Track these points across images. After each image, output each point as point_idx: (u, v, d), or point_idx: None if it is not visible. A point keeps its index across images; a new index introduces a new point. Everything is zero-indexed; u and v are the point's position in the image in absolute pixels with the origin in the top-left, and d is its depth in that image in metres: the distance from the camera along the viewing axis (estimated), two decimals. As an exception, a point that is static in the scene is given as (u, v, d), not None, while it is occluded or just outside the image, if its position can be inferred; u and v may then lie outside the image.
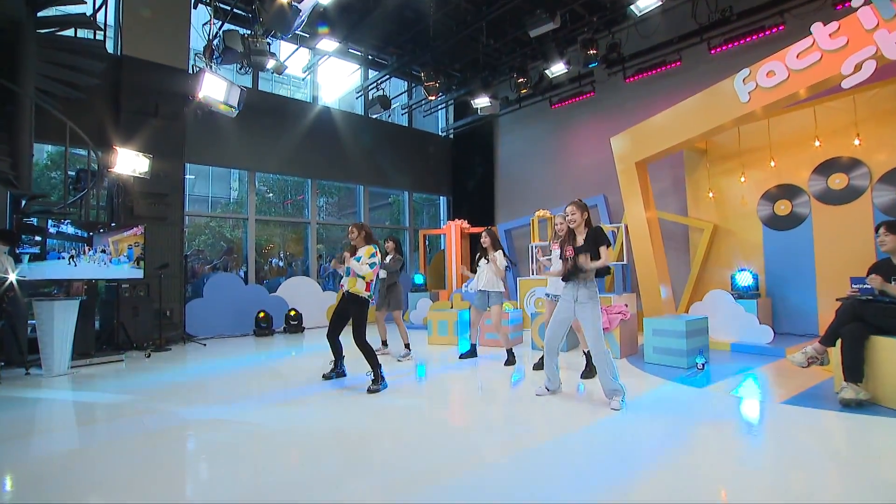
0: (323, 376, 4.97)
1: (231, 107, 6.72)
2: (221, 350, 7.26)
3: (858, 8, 5.11)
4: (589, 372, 4.84)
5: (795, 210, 6.76)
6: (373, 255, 4.69)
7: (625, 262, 7.97)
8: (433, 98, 9.32)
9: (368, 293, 4.72)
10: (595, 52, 7.95)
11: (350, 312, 4.67)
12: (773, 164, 6.60)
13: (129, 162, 6.91)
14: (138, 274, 6.58)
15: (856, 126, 6.12)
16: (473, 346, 6.14)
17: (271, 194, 10.90)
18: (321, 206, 11.08)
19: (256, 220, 10.09)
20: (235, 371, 5.62)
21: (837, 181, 6.43)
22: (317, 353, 7.14)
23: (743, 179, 7.02)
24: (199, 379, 5.29)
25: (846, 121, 6.31)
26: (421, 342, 7.78)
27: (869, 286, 3.96)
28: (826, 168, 6.48)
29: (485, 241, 5.80)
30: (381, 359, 5.12)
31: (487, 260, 5.78)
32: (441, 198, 13.24)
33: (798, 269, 6.69)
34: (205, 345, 7.78)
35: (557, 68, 8.49)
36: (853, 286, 4.13)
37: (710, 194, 7.42)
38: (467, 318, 8.02)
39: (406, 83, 11.88)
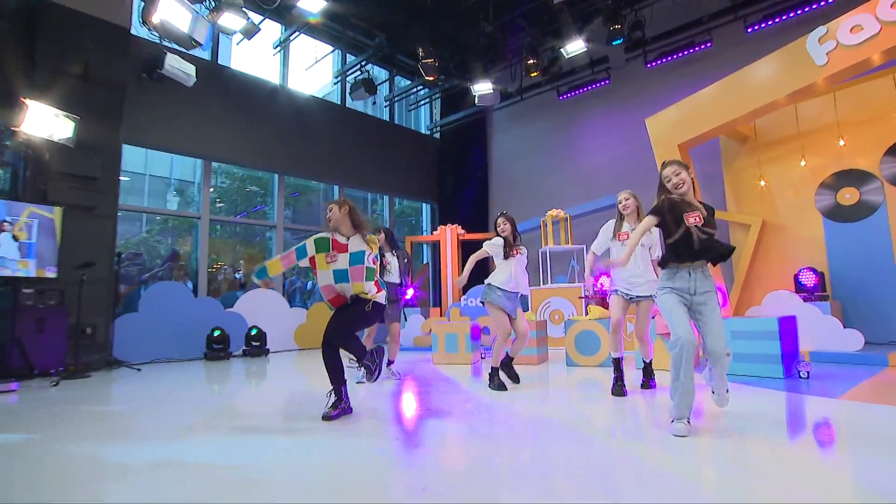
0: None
1: (197, 43, 5.40)
2: (161, 377, 5.64)
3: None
4: (647, 383, 4.11)
5: (864, 198, 6.10)
6: (376, 256, 3.53)
7: (660, 264, 7.05)
8: (431, 79, 8.29)
9: (383, 294, 3.53)
10: (620, 26, 7.21)
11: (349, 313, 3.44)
12: (842, 142, 5.94)
13: (45, 122, 5.37)
14: (49, 273, 4.97)
15: None
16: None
17: (222, 204, 9.35)
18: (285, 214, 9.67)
19: (212, 219, 8.54)
20: (174, 404, 4.09)
21: (912, 166, 5.83)
22: (284, 378, 5.68)
23: (804, 163, 6.32)
24: (124, 412, 3.79)
25: None
26: (423, 363, 6.44)
27: None
28: (899, 150, 5.88)
29: (504, 228, 4.59)
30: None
31: (506, 253, 4.50)
32: (423, 205, 12.09)
33: (871, 266, 5.97)
34: (139, 370, 6.11)
35: (575, 46, 7.70)
36: None
37: (762, 182, 6.69)
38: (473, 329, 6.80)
39: (388, 72, 10.83)
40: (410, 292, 5.80)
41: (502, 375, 4.51)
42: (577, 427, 2.96)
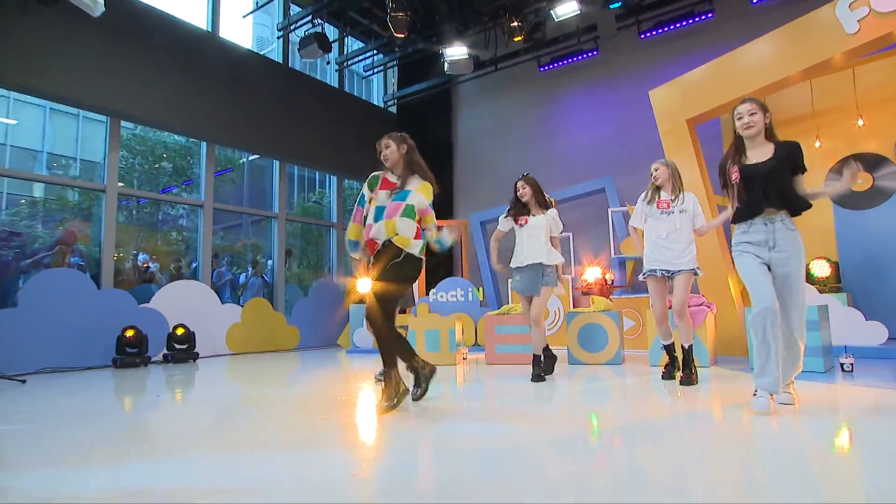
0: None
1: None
2: (52, 391, 4.43)
3: None
4: (690, 377, 3.83)
5: (878, 184, 6.02)
6: (432, 205, 3.33)
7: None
8: (402, 36, 7.45)
9: (420, 244, 3.19)
10: (619, -14, 6.79)
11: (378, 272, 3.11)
12: (861, 122, 5.82)
13: None
14: None
15: None
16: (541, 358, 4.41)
17: (122, 184, 7.81)
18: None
19: (122, 192, 7.20)
20: (68, 426, 3.04)
21: (932, 147, 5.80)
22: (218, 387, 4.68)
23: (818, 144, 6.17)
24: None
25: None
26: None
27: None
28: (915, 133, 5.84)
29: (524, 192, 4.42)
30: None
31: (527, 219, 4.38)
32: (375, 189, 11.17)
33: (885, 256, 5.89)
34: (23, 381, 4.84)
35: (567, 9, 7.18)
36: None
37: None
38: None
39: (338, 31, 9.81)
40: None
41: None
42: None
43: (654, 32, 7.64)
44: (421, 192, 3.25)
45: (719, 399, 3.40)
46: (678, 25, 7.46)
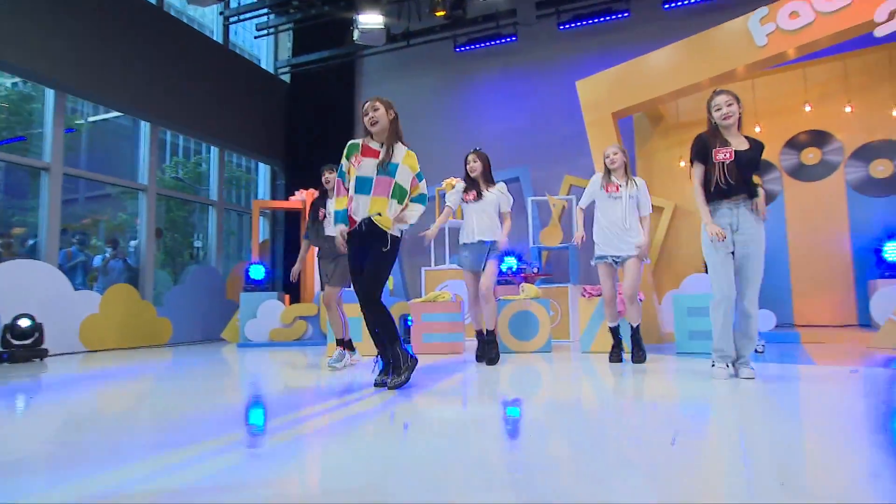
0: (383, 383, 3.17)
1: None
2: None
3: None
4: (640, 355, 4.22)
5: (765, 187, 6.97)
6: (421, 176, 3.40)
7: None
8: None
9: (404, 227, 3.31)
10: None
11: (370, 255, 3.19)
12: (758, 129, 6.70)
13: None
14: None
15: (846, 93, 6.61)
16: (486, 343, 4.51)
17: None
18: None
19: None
20: None
21: (810, 156, 6.85)
22: (74, 394, 4.01)
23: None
24: None
25: (836, 87, 6.79)
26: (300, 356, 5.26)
27: None
28: (798, 142, 6.85)
29: (474, 167, 4.49)
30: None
31: (479, 195, 4.46)
32: (261, 167, 10.41)
33: (769, 254, 6.83)
34: None
35: (493, -14, 7.30)
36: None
37: (682, 163, 7.18)
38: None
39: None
40: None
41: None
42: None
43: (572, 25, 8.07)
44: (407, 164, 3.25)
45: (681, 378, 3.65)
46: (596, 21, 7.97)
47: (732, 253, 3.22)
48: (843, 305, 6.71)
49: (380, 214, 3.10)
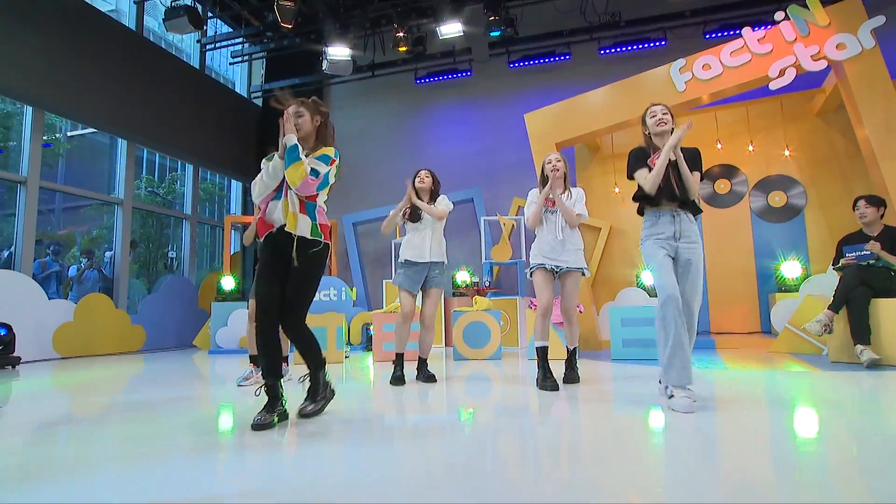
0: (253, 423, 2.45)
1: None
2: None
3: (780, 22, 6.12)
4: (573, 375, 3.73)
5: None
6: (326, 159, 2.68)
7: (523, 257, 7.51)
8: (288, 27, 7.19)
9: (325, 240, 2.71)
10: (498, 18, 7.52)
11: (292, 273, 2.62)
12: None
13: None
14: None
15: (749, 133, 7.29)
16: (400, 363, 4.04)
17: None
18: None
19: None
20: None
21: (722, 186, 7.49)
22: (38, 401, 4.09)
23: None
24: None
25: (741, 128, 7.46)
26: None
27: (865, 253, 4.42)
28: (712, 173, 7.49)
29: (423, 181, 4.08)
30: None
31: (418, 217, 4.02)
32: (234, 183, 10.44)
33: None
34: None
35: (451, 29, 7.68)
36: (848, 254, 4.54)
37: (617, 189, 7.71)
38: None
39: (202, 7, 9.00)
40: None
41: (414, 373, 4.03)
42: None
43: (521, 63, 8.55)
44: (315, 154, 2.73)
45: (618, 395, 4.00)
46: (541, 61, 8.48)
47: (673, 259, 2.94)
48: (750, 315, 7.34)
49: (296, 228, 2.63)
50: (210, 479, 1.78)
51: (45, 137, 7.15)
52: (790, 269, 6.73)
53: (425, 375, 3.98)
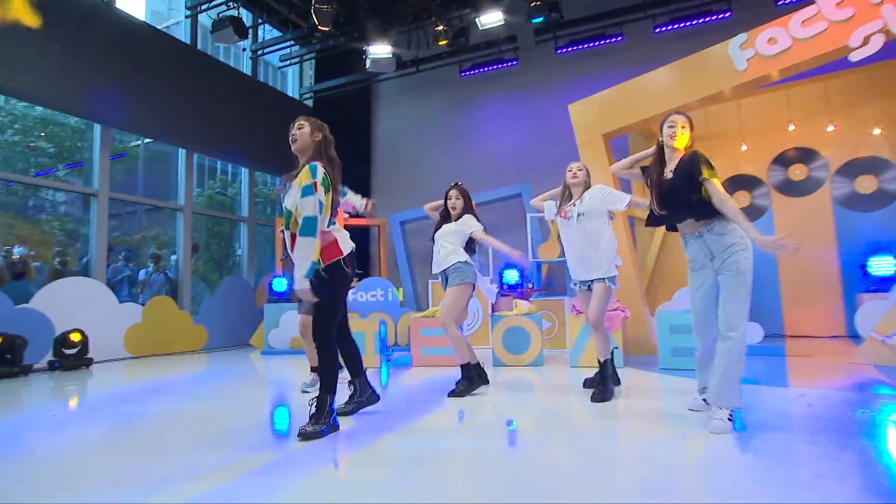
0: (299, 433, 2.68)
1: None
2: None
3: (864, -19, 5.28)
4: (603, 393, 3.47)
5: (755, 202, 6.84)
6: (309, 189, 2.67)
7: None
8: (325, 29, 7.18)
9: (336, 264, 2.77)
10: (540, 3, 7.07)
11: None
12: (745, 147, 6.58)
13: None
14: None
15: (828, 112, 6.44)
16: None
17: None
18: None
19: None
20: None
21: (797, 172, 6.69)
22: (120, 401, 4.27)
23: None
24: None
25: (818, 107, 6.61)
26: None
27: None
28: (785, 158, 6.70)
29: (456, 204, 4.10)
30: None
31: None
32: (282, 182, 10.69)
33: (759, 267, 6.70)
34: None
35: (492, 18, 7.34)
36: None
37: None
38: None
39: (252, 15, 9.23)
40: None
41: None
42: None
43: (569, 49, 8.05)
44: (296, 182, 2.73)
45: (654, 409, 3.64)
46: (591, 45, 7.93)
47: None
48: (833, 317, 6.53)
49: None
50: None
51: (120, 146, 7.64)
52: (879, 265, 5.89)
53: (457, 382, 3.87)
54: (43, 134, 7.72)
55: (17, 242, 7.27)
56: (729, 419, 2.56)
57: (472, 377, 3.87)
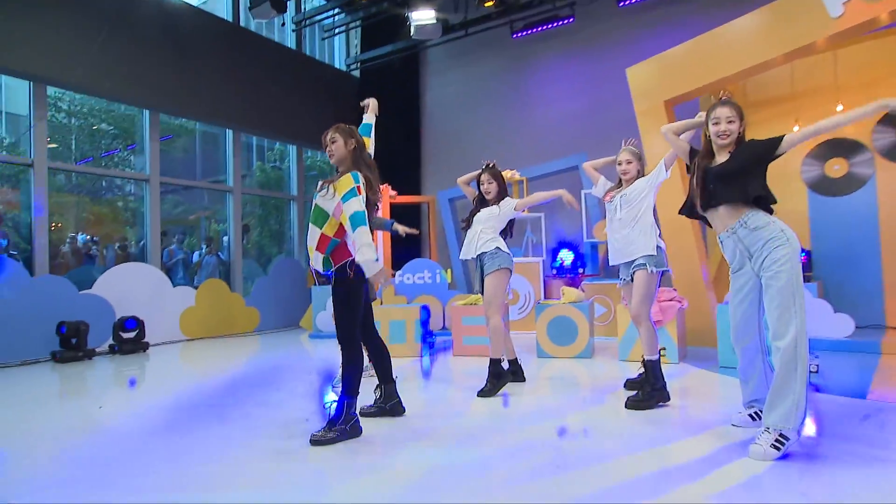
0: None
1: None
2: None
3: None
4: (640, 401, 3.32)
5: (853, 170, 6.07)
6: (352, 192, 2.80)
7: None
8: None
9: (342, 267, 2.85)
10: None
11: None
12: (840, 107, 5.80)
13: None
14: None
15: None
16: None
17: (54, 145, 7.20)
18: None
19: (51, 168, 6.72)
20: None
21: (908, 132, 5.84)
22: (176, 381, 4.49)
23: (797, 128, 6.13)
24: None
25: None
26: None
27: None
28: (893, 119, 5.84)
29: (489, 189, 4.07)
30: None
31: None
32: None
33: (857, 244, 6.01)
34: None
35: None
36: None
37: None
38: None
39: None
40: None
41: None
42: None
43: (633, 0, 7.39)
44: (336, 187, 2.85)
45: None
46: (659, -7, 7.23)
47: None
48: (950, 306, 5.74)
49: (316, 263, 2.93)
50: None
51: (175, 124, 7.99)
52: None
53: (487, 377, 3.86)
54: (95, 127, 8.14)
55: (87, 225, 7.83)
56: (776, 444, 2.33)
57: (500, 373, 3.87)
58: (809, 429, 2.78)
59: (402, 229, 5.02)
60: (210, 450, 2.80)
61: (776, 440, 2.33)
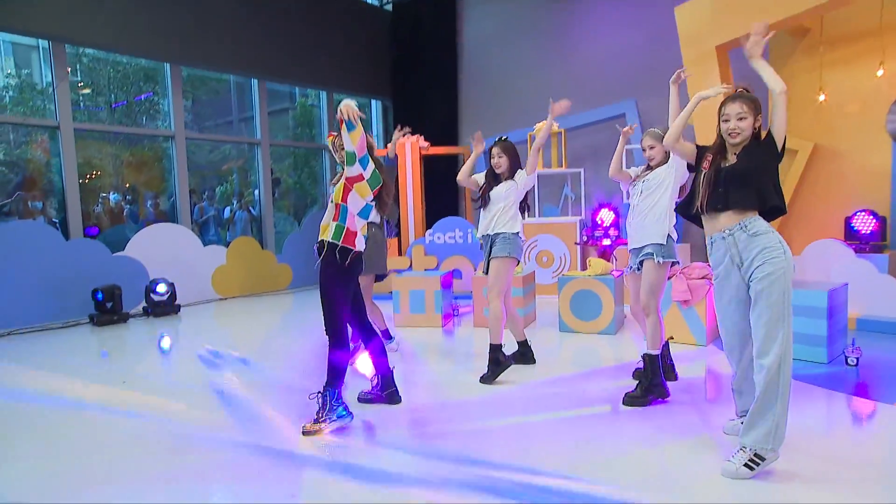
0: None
1: None
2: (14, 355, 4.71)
3: None
4: (636, 398, 3.33)
5: None
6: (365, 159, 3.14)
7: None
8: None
9: (344, 249, 3.08)
10: None
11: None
12: (880, 73, 5.12)
13: None
14: None
15: None
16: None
17: (87, 90, 7.44)
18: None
19: (77, 129, 7.02)
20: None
21: None
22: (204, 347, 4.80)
23: (881, 72, 5.44)
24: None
25: None
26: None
27: None
28: None
29: (499, 162, 3.99)
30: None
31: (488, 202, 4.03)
32: (373, 102, 10.68)
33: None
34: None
35: None
36: None
37: (822, 97, 5.80)
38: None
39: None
40: None
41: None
42: None
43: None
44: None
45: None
46: None
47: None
48: None
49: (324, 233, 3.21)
50: None
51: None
52: None
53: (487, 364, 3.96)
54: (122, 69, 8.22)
55: (123, 180, 8.14)
56: (750, 464, 2.33)
57: (499, 360, 3.90)
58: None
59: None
60: (202, 444, 2.99)
61: (750, 460, 2.33)
